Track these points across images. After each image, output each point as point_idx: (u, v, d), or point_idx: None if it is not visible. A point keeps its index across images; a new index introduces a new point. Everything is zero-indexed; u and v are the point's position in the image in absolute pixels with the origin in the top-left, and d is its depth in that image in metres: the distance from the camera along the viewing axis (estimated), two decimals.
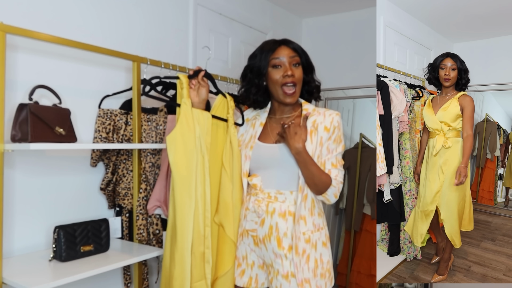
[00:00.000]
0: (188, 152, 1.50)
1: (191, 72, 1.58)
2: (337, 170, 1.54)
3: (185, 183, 1.49)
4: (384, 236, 3.10)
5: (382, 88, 2.53)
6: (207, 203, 1.54)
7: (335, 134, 1.55)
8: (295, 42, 1.62)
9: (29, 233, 1.69)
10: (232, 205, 1.59)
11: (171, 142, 1.48)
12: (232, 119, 1.66)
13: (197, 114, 1.54)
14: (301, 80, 1.57)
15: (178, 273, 1.49)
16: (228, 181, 1.60)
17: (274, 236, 1.54)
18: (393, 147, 2.55)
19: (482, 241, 3.29)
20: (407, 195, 2.83)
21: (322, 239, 1.57)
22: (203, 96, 1.60)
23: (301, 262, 1.51)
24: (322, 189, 1.51)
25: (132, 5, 2.11)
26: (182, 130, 1.50)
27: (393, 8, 3.09)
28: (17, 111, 1.47)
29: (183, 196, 1.49)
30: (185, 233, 1.49)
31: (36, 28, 1.61)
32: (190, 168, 1.50)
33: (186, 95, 1.53)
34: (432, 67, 2.54)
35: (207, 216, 1.53)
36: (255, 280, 1.62)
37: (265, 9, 3.13)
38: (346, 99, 3.37)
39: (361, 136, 3.33)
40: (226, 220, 1.59)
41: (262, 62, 1.57)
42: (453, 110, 2.40)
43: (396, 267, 2.79)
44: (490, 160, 4.15)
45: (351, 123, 3.55)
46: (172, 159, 1.48)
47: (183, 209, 1.49)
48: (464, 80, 2.45)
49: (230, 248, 1.61)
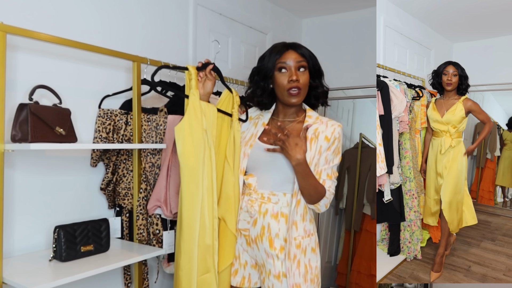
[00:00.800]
0: (195, 143, 1.49)
1: (200, 64, 1.58)
2: (331, 181, 1.55)
3: (193, 174, 1.49)
4: (384, 236, 3.10)
5: (382, 88, 2.53)
6: (214, 195, 1.53)
7: (334, 145, 1.56)
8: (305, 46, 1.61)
9: (29, 233, 1.69)
10: (234, 199, 1.60)
11: (179, 132, 1.47)
12: (236, 114, 1.67)
13: (204, 106, 1.54)
14: (306, 85, 1.57)
15: (185, 263, 1.50)
16: (231, 174, 1.60)
17: (266, 237, 1.55)
18: (393, 147, 2.55)
19: (482, 241, 3.28)
20: (407, 195, 2.83)
21: (312, 245, 1.58)
22: (208, 89, 1.61)
23: (292, 267, 1.52)
24: (315, 200, 1.52)
25: (133, 5, 2.11)
26: (190, 121, 1.49)
27: (393, 8, 3.08)
28: (17, 111, 1.47)
29: (190, 187, 1.49)
30: (191, 223, 1.48)
31: (37, 28, 1.61)
32: (198, 159, 1.49)
33: (194, 86, 1.53)
34: (435, 73, 2.81)
35: (215, 208, 1.53)
36: (248, 280, 1.63)
37: (265, 9, 3.13)
38: (346, 99, 3.37)
39: (361, 136, 3.33)
40: (228, 214, 1.60)
41: (268, 65, 1.58)
42: (460, 113, 2.65)
43: (396, 267, 2.79)
44: (490, 160, 4.15)
45: (351, 123, 3.55)
46: (180, 150, 1.47)
47: (190, 200, 1.48)
48: (464, 85, 2.72)
49: (231, 241, 1.62)
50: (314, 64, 1.59)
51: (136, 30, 2.13)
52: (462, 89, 2.71)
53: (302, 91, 1.55)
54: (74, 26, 1.84)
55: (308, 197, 1.52)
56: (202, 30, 2.54)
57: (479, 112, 2.69)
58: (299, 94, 1.54)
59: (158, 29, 2.26)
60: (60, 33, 1.69)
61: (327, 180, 1.54)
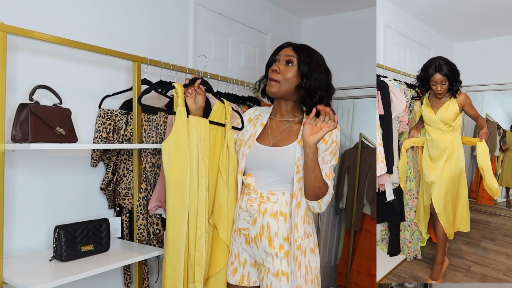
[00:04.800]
0: (180, 159, 1.55)
1: (187, 81, 1.61)
2: (330, 181, 1.57)
3: (177, 188, 1.54)
4: (384, 236, 3.10)
5: (382, 88, 2.53)
6: (200, 206, 1.57)
7: (332, 146, 1.58)
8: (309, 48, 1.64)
9: (29, 233, 1.69)
10: (227, 208, 1.64)
11: (166, 149, 1.54)
12: (229, 124, 1.71)
13: (194, 121, 1.58)
14: (287, 80, 1.58)
15: (169, 274, 1.56)
16: (224, 185, 1.64)
17: (265, 236, 1.57)
18: (393, 147, 2.55)
19: (482, 241, 3.28)
20: (407, 195, 2.83)
21: (311, 246, 1.60)
22: (199, 104, 1.65)
23: (295, 269, 1.53)
24: (320, 194, 1.53)
25: (133, 6, 2.11)
26: (176, 138, 1.54)
27: (393, 8, 3.09)
28: (18, 111, 1.47)
29: (175, 200, 1.54)
30: (176, 236, 1.54)
31: (37, 28, 1.61)
32: (183, 175, 1.55)
33: (181, 104, 1.57)
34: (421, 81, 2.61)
35: (199, 220, 1.57)
36: (247, 278, 1.65)
37: (265, 9, 3.13)
38: (346, 99, 3.37)
39: (361, 136, 3.33)
40: (220, 223, 1.64)
41: (270, 57, 1.67)
42: (453, 111, 2.54)
43: (396, 267, 2.79)
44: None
45: (351, 123, 3.55)
46: (166, 166, 1.53)
47: (175, 213, 1.54)
48: (455, 87, 2.53)
49: (223, 249, 1.65)
50: (306, 63, 1.57)
51: (137, 30, 2.13)
52: (454, 90, 2.53)
53: (281, 84, 1.58)
54: (75, 27, 1.84)
55: (314, 190, 1.51)
56: (202, 30, 2.54)
57: (471, 106, 2.58)
58: (275, 85, 1.58)
59: (158, 29, 2.26)
60: (61, 33, 1.69)
61: (326, 180, 1.56)
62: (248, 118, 1.75)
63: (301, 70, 1.58)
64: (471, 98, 2.71)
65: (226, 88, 2.35)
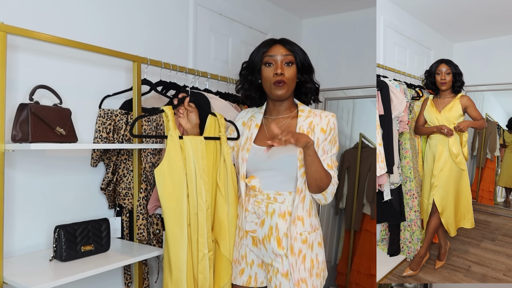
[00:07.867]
0: (175, 184, 1.50)
1: (176, 101, 1.59)
2: (333, 171, 1.56)
3: (175, 215, 1.51)
4: (384, 236, 3.10)
5: (382, 88, 2.53)
6: (200, 227, 1.55)
7: (331, 135, 1.57)
8: (294, 42, 1.62)
9: (29, 233, 1.69)
10: (227, 224, 1.62)
11: (159, 175, 1.49)
12: (224, 137, 1.67)
13: (188, 141, 1.55)
14: (292, 80, 1.57)
15: None
16: (223, 201, 1.62)
17: (274, 237, 1.55)
18: (393, 147, 2.55)
19: (482, 241, 3.29)
20: (407, 195, 2.83)
21: (318, 240, 1.59)
22: (193, 122, 1.63)
23: (297, 262, 1.52)
24: (324, 186, 1.51)
25: (133, 6, 2.11)
26: (169, 163, 1.50)
27: (393, 8, 3.09)
28: (18, 111, 1.47)
29: (174, 227, 1.51)
30: (179, 263, 1.50)
31: (37, 28, 1.61)
32: (179, 200, 1.51)
33: (172, 128, 1.52)
34: (428, 73, 2.77)
35: (200, 241, 1.55)
36: (254, 279, 1.63)
37: (265, 9, 3.13)
38: (346, 99, 3.37)
39: (361, 136, 3.34)
40: (221, 238, 1.62)
41: (255, 59, 1.60)
42: (457, 110, 2.64)
43: (396, 267, 2.79)
44: (490, 160, 4.16)
45: (351, 123, 3.55)
46: (161, 192, 1.49)
47: (175, 240, 1.50)
48: (459, 82, 2.68)
49: (226, 265, 1.64)
50: (302, 59, 1.59)
51: (136, 30, 2.13)
52: (457, 86, 2.67)
53: (288, 85, 1.56)
54: (75, 26, 1.84)
55: (319, 182, 1.50)
56: (202, 30, 2.54)
57: (475, 109, 2.66)
58: (284, 87, 1.55)
59: (158, 29, 2.26)
60: (61, 33, 1.69)
61: (329, 170, 1.54)
62: (241, 122, 1.72)
63: (300, 69, 1.59)
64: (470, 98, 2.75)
65: (226, 88, 2.35)
